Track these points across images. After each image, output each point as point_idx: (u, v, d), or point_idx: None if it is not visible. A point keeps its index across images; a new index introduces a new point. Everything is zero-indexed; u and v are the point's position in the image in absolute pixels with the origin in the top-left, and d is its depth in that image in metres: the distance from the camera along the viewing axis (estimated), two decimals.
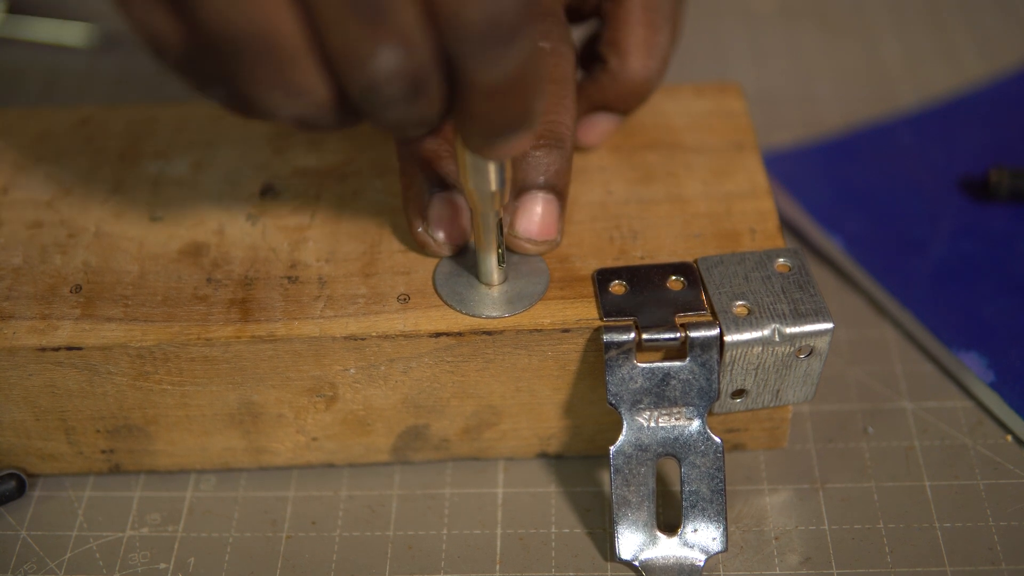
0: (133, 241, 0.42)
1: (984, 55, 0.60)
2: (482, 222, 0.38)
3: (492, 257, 0.39)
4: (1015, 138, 0.54)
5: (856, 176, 0.53)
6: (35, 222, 0.43)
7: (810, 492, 0.42)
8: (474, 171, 0.35)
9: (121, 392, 0.40)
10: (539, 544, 0.41)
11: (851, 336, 0.47)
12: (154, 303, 0.40)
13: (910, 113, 0.56)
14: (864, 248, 0.49)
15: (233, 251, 0.42)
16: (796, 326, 0.38)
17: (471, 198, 0.36)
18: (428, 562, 0.41)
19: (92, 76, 0.62)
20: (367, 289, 0.40)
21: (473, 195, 0.36)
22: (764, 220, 0.42)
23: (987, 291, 0.47)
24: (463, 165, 0.35)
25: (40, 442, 0.42)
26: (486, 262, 0.39)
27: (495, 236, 0.38)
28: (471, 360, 0.39)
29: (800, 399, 0.41)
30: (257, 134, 0.46)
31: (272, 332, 0.39)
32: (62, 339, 0.39)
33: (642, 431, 0.39)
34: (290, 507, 0.42)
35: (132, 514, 0.42)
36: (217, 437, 0.42)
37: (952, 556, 0.40)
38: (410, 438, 0.42)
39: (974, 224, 0.50)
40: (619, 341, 0.38)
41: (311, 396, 0.41)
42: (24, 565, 0.41)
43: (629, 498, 0.39)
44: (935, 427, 0.44)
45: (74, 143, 0.46)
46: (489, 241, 0.38)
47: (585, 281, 0.40)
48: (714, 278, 0.40)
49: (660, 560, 0.39)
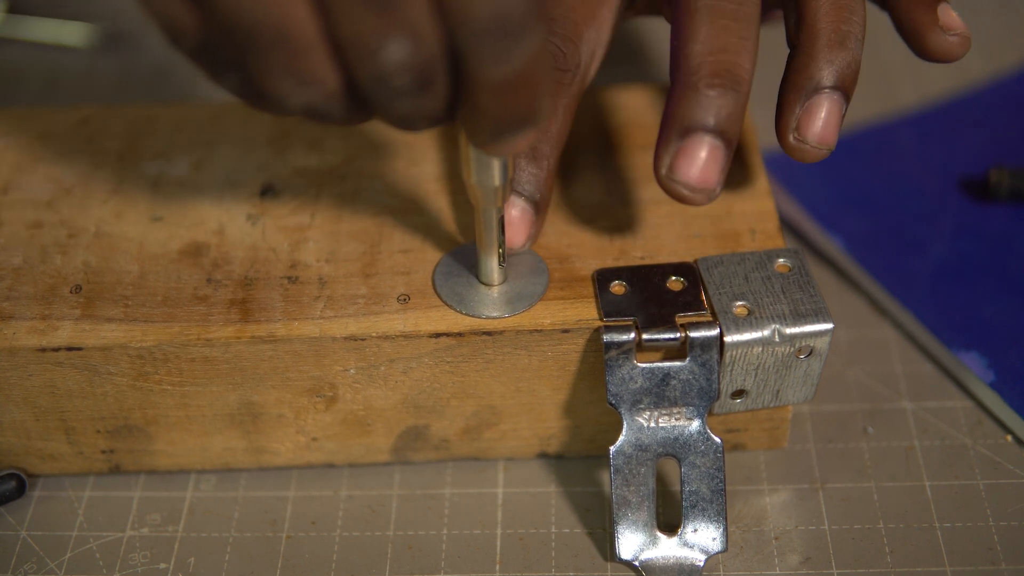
0: (133, 241, 0.42)
1: (984, 55, 0.60)
2: (483, 219, 0.38)
3: (493, 256, 0.39)
4: (1015, 138, 0.54)
5: (856, 176, 0.53)
6: (35, 222, 0.43)
7: (810, 492, 0.42)
8: (477, 166, 0.35)
9: (121, 392, 0.40)
10: (539, 544, 0.41)
11: (851, 336, 0.47)
12: (154, 303, 0.40)
13: (910, 113, 0.56)
14: (864, 248, 0.49)
15: (233, 251, 0.42)
16: (796, 326, 0.38)
17: (473, 194, 0.36)
18: (428, 562, 0.41)
19: (92, 76, 0.62)
20: (367, 289, 0.40)
21: (475, 191, 0.36)
22: (764, 220, 0.42)
23: (987, 291, 0.47)
24: (466, 160, 0.35)
25: (40, 442, 0.42)
26: (487, 261, 0.39)
27: (496, 234, 0.38)
28: (471, 360, 0.39)
29: (800, 399, 0.41)
30: (257, 134, 0.46)
31: (272, 332, 0.39)
32: (62, 339, 0.39)
33: (642, 431, 0.39)
34: (290, 507, 0.42)
35: (132, 514, 0.42)
36: (217, 437, 0.42)
37: (952, 556, 0.40)
38: (410, 438, 0.42)
39: (974, 224, 0.50)
40: (619, 341, 0.38)
41: (311, 396, 0.41)
42: (24, 565, 0.41)
43: (629, 498, 0.39)
44: (935, 427, 0.44)
45: (74, 143, 0.46)
46: (491, 239, 0.38)
47: (585, 281, 0.40)
48: (714, 278, 0.40)
49: (660, 560, 0.39)
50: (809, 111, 0.39)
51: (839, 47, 0.39)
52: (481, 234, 0.38)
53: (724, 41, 0.37)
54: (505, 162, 0.35)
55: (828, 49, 0.39)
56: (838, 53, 0.39)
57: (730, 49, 0.37)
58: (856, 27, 0.39)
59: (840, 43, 0.39)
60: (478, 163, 0.35)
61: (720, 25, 0.37)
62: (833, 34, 0.39)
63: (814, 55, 0.39)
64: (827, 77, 0.39)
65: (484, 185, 0.36)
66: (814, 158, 0.39)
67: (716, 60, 0.37)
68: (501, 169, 0.35)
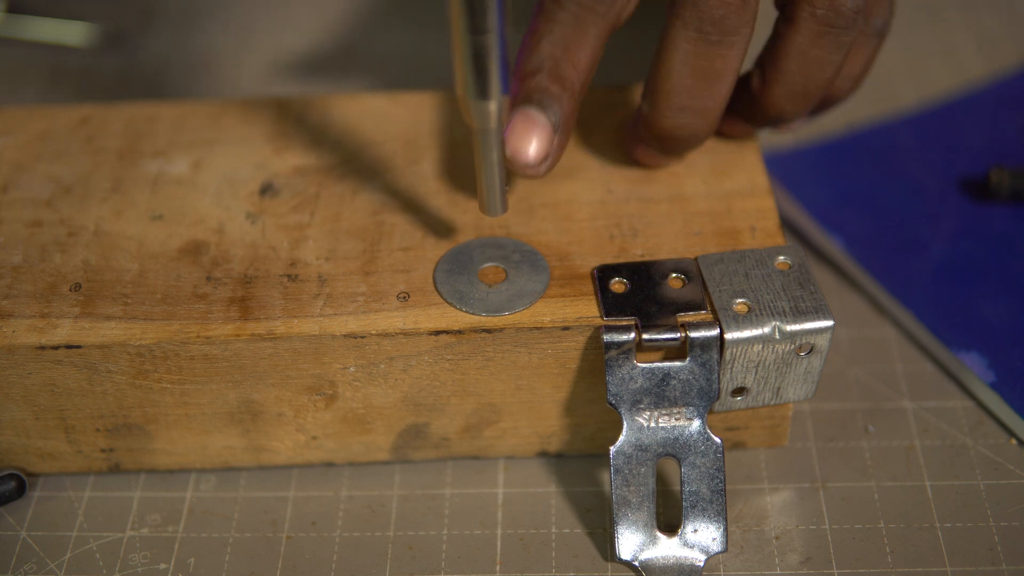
0: (133, 240, 0.42)
1: (984, 55, 0.60)
2: (480, 140, 0.36)
3: (494, 181, 0.38)
4: (1015, 138, 0.54)
5: (856, 176, 0.53)
6: (35, 221, 0.43)
7: (810, 491, 0.42)
8: (472, 80, 0.34)
9: (121, 391, 0.40)
10: (539, 544, 0.41)
11: (851, 336, 0.47)
12: (154, 301, 0.40)
13: (910, 113, 0.56)
14: (864, 248, 0.49)
15: (233, 249, 0.42)
16: (796, 324, 0.38)
17: (467, 112, 0.35)
18: (428, 562, 0.40)
19: (92, 76, 0.62)
20: (367, 287, 0.40)
21: (469, 108, 0.35)
22: (764, 218, 0.42)
23: (987, 291, 0.47)
24: (460, 73, 0.34)
25: (40, 441, 0.42)
26: (488, 187, 0.38)
27: (497, 156, 0.37)
28: (471, 358, 0.39)
29: (800, 397, 0.41)
30: (256, 133, 0.46)
31: (272, 330, 0.39)
32: (61, 338, 0.39)
33: (642, 431, 0.39)
34: (290, 507, 0.42)
35: (132, 514, 0.42)
36: (217, 436, 0.42)
37: (952, 556, 0.40)
38: (410, 436, 0.42)
39: (974, 224, 0.50)
40: (619, 341, 0.38)
41: (311, 394, 0.41)
42: (24, 565, 0.41)
43: (629, 498, 0.39)
44: (936, 427, 0.44)
45: (74, 143, 0.46)
46: (490, 163, 0.37)
47: (585, 279, 0.40)
48: (714, 276, 0.40)
49: (660, 560, 0.39)
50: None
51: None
52: (478, 157, 0.37)
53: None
54: (502, 78, 0.34)
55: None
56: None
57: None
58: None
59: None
60: (472, 77, 0.34)
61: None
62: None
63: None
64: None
65: (478, 101, 0.34)
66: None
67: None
68: (498, 84, 0.34)
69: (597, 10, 0.39)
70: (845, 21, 0.39)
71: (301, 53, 0.63)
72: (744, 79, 0.42)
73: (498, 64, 0.34)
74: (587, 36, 0.39)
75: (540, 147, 0.38)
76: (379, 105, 0.47)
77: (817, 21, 0.39)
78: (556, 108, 0.39)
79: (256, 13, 0.66)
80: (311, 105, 0.47)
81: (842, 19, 0.39)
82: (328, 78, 0.61)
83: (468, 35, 0.33)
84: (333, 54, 0.63)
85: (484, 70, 0.34)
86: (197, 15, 0.65)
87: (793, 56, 0.40)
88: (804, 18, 0.39)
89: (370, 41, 0.63)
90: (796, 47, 0.40)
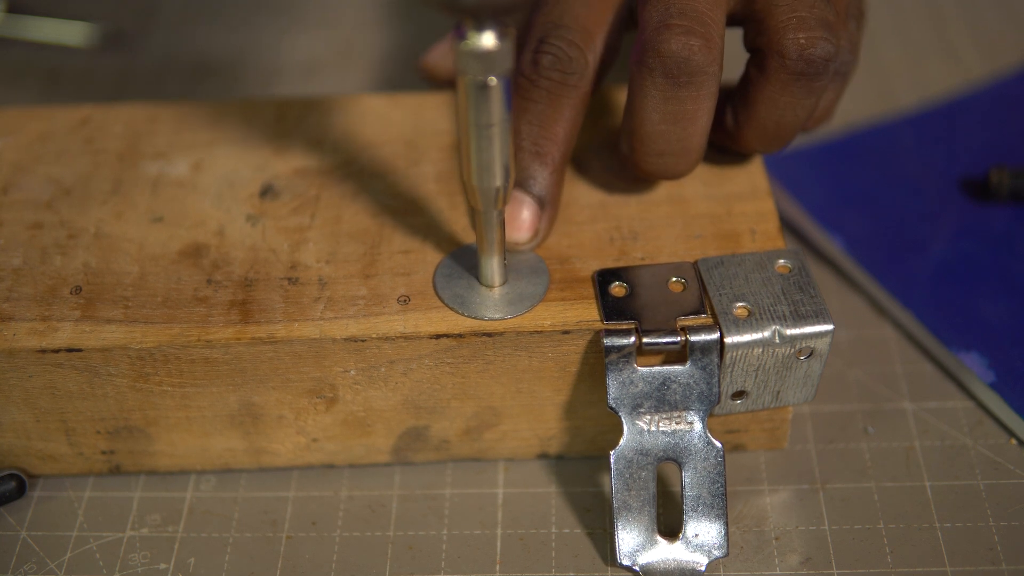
0: (133, 242, 0.42)
1: (984, 55, 0.60)
2: (484, 221, 0.38)
3: (493, 258, 0.39)
4: (1015, 138, 0.54)
5: (856, 176, 0.53)
6: (35, 223, 0.43)
7: (810, 492, 0.42)
8: (479, 168, 0.35)
9: (121, 393, 0.40)
10: (539, 545, 0.41)
11: (851, 336, 0.47)
12: (154, 304, 0.40)
13: (910, 113, 0.56)
14: (864, 248, 0.49)
15: (233, 252, 0.42)
16: (796, 327, 0.38)
17: (473, 196, 0.36)
18: (428, 562, 0.41)
19: (92, 76, 0.62)
20: (367, 290, 0.40)
21: (475, 192, 0.36)
22: (764, 221, 0.42)
23: (987, 291, 0.47)
24: (466, 161, 0.35)
25: (40, 443, 0.42)
26: (487, 263, 0.39)
27: (498, 236, 0.38)
28: (471, 361, 0.39)
29: (800, 400, 0.41)
30: (257, 134, 0.46)
31: (272, 333, 0.39)
32: (62, 341, 0.39)
33: (643, 435, 0.39)
34: (290, 507, 0.42)
35: (132, 515, 0.42)
36: (217, 438, 0.42)
37: (952, 556, 0.40)
38: (410, 439, 0.42)
39: (974, 224, 0.50)
40: (619, 345, 0.38)
41: (311, 397, 0.41)
42: (24, 565, 0.41)
43: (630, 502, 0.39)
44: (935, 427, 0.44)
45: (74, 143, 0.46)
46: (491, 241, 0.38)
47: (585, 282, 0.40)
48: (714, 279, 0.40)
49: (661, 565, 0.39)
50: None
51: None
52: (481, 236, 0.38)
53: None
54: (506, 164, 0.35)
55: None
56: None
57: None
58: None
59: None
60: (479, 165, 0.35)
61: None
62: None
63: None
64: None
65: (485, 186, 0.36)
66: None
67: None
68: (502, 171, 0.35)
69: (569, 82, 0.40)
70: (816, 69, 0.39)
71: (301, 54, 0.63)
72: (720, 115, 0.42)
73: (503, 153, 0.35)
74: (563, 110, 0.40)
75: (529, 225, 0.40)
76: (379, 106, 0.47)
77: (788, 71, 0.39)
78: (540, 186, 0.40)
79: (256, 14, 0.65)
80: (311, 106, 0.47)
81: (813, 67, 0.39)
82: (328, 79, 0.61)
83: (476, 127, 0.34)
84: (333, 54, 0.63)
85: (490, 159, 0.35)
86: (197, 15, 0.65)
87: (764, 102, 0.40)
88: (775, 68, 0.39)
89: (370, 41, 0.63)
90: (767, 95, 0.40)
